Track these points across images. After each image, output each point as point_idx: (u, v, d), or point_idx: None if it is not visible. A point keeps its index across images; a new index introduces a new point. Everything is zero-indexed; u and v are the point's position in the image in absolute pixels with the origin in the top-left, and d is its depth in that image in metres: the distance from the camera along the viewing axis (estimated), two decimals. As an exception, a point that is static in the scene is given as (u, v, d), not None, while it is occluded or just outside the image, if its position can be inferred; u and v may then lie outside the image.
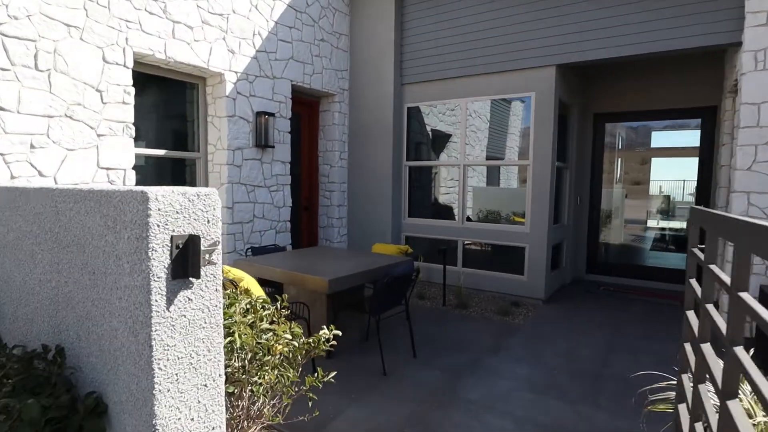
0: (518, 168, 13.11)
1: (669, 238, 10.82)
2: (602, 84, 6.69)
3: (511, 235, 5.72)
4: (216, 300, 1.30)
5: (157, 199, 1.14)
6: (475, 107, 10.62)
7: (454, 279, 6.06)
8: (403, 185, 6.64)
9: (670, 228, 11.26)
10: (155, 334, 1.14)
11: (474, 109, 10.65)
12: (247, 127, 5.23)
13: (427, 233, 6.41)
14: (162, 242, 1.15)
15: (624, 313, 5.21)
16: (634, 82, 6.44)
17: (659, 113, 6.48)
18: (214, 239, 1.26)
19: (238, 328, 1.87)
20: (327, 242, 6.71)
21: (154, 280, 1.14)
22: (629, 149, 8.07)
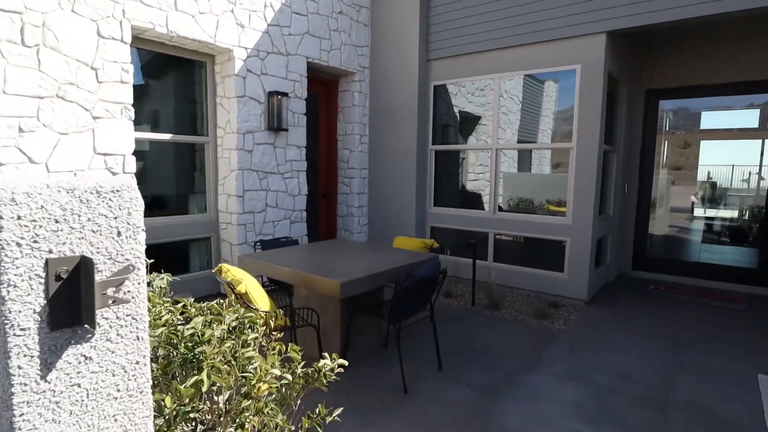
0: (552, 153, 12.35)
1: (723, 230, 9.93)
2: (657, 55, 5.93)
3: (550, 228, 5.14)
4: (138, 352, 0.85)
5: (15, 200, 0.69)
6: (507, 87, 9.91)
7: (484, 275, 5.53)
8: (429, 171, 6.11)
9: (722, 218, 10.34)
10: (22, 420, 0.71)
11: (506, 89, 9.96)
12: (259, 109, 4.80)
13: (454, 224, 5.88)
14: (28, 271, 0.71)
15: (681, 319, 4.58)
16: (695, 51, 5.66)
17: (725, 88, 5.69)
18: (128, 262, 0.81)
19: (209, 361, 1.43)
20: (346, 233, 6.28)
21: (14, 333, 0.70)
22: (678, 131, 7.27)
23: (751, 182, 14.02)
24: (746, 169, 10.01)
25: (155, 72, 4.49)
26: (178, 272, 4.61)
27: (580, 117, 4.85)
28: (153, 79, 4.48)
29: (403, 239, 4.35)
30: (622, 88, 5.76)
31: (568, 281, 5.04)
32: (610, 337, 4.05)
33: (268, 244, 4.01)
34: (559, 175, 5.54)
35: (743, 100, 6.37)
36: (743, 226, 9.83)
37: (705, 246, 8.57)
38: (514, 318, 4.52)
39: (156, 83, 4.52)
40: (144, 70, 4.35)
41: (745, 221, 10.05)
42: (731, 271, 5.91)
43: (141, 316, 0.84)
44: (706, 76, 5.64)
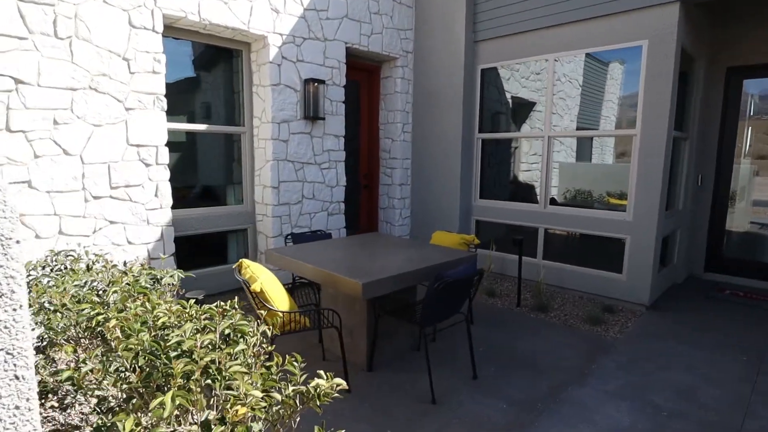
0: (615, 142, 11.48)
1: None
2: (741, 28, 5.18)
3: (608, 224, 4.65)
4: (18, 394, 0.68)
5: None
6: (566, 70, 9.27)
7: (532, 273, 5.14)
8: (475, 161, 5.75)
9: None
10: None
11: (564, 72, 9.31)
12: (294, 97, 4.66)
13: (501, 218, 5.50)
14: None
15: (764, 332, 3.99)
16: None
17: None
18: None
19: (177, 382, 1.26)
20: (387, 225, 6.06)
21: None
22: (765, 115, 6.38)
23: None
24: None
25: (191, 63, 4.46)
26: (216, 264, 4.62)
27: (647, 99, 4.31)
28: (189, 70, 4.45)
29: (442, 234, 4.07)
30: (698, 65, 5.10)
31: (627, 283, 4.55)
32: (674, 349, 3.58)
33: (299, 237, 3.88)
34: (624, 165, 5.00)
35: None
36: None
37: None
38: (563, 322, 4.13)
39: (192, 74, 4.49)
40: (179, 61, 4.33)
41: None
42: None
43: (21, 351, 0.67)
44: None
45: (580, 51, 4.86)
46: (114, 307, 1.72)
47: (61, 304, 1.78)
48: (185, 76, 4.40)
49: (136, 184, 3.68)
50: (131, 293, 1.79)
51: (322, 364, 3.19)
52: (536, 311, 4.38)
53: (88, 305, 1.75)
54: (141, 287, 1.80)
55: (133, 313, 1.55)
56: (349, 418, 2.53)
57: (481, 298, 4.75)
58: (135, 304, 1.61)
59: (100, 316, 1.68)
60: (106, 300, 1.87)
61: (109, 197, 3.54)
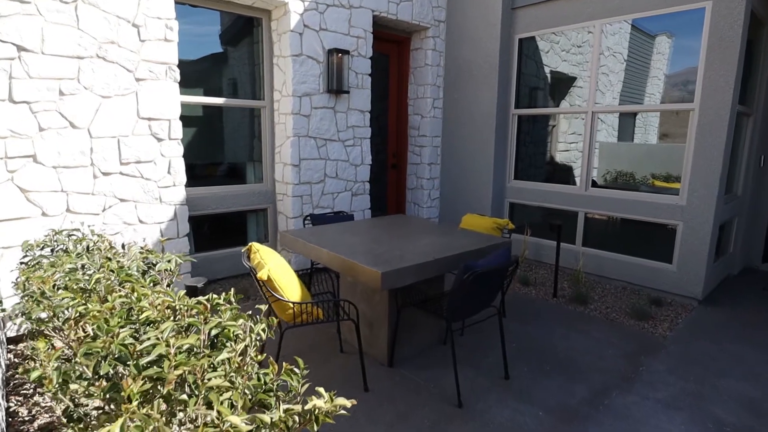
0: (660, 122, 10.77)
1: None
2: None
3: (657, 209, 4.21)
4: None
5: None
6: (609, 43, 8.68)
7: (570, 261, 4.76)
8: (510, 140, 5.34)
9: None
10: None
11: (607, 45, 8.71)
12: (317, 69, 4.36)
13: (537, 200, 5.10)
14: None
15: (835, 331, 3.53)
16: None
17: None
18: None
19: (126, 410, 1.02)
20: (415, 207, 5.76)
21: None
22: None
23: None
24: None
25: (209, 31, 4.21)
26: (234, 245, 4.45)
27: (707, 69, 3.80)
28: (206, 40, 4.21)
29: (474, 218, 3.75)
30: (766, 31, 4.50)
31: (678, 274, 4.12)
32: (732, 350, 3.18)
33: (318, 218, 3.63)
34: (672, 145, 4.51)
35: None
36: None
37: None
38: (604, 316, 3.77)
39: (210, 44, 4.25)
40: (195, 30, 4.09)
41: None
42: None
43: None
44: None
45: (630, 16, 4.36)
46: (95, 297, 1.51)
47: (40, 292, 1.58)
48: (202, 47, 4.16)
49: (148, 160, 3.49)
50: (114, 280, 1.57)
51: (339, 357, 2.96)
52: (574, 303, 4.03)
53: (69, 294, 1.54)
54: (126, 275, 1.57)
55: (109, 306, 1.33)
56: (364, 423, 2.30)
57: (515, 287, 4.42)
58: (113, 296, 1.38)
59: (81, 307, 1.47)
60: (92, 288, 1.66)
61: (119, 173, 3.37)
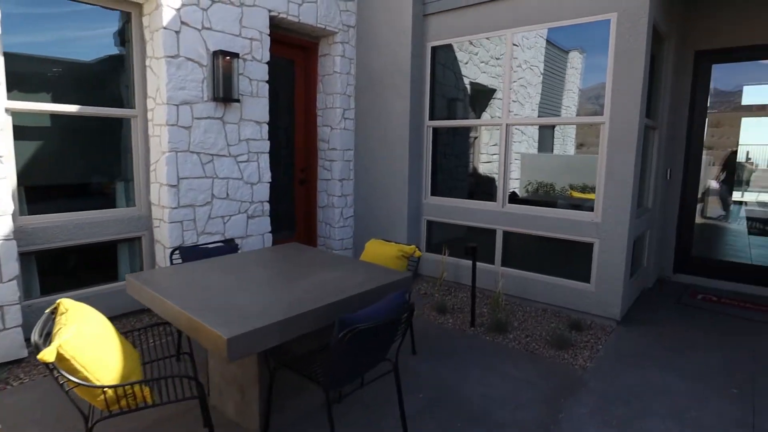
0: (577, 132, 10.95)
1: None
2: (709, 6, 4.66)
3: (574, 226, 4.02)
4: None
5: None
6: (526, 56, 8.67)
7: (489, 282, 4.47)
8: (425, 153, 5.01)
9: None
10: None
11: (524, 59, 8.72)
12: (200, 73, 3.76)
13: (454, 218, 4.79)
14: None
15: (750, 349, 3.46)
16: (767, 0, 4.39)
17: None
18: None
19: None
20: (327, 227, 5.25)
21: None
22: (719, 105, 5.96)
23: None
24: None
25: (66, 26, 3.48)
26: (101, 281, 3.70)
27: (616, 81, 3.67)
28: (63, 35, 3.47)
29: (377, 245, 3.31)
30: (668, 46, 4.53)
31: (596, 294, 3.94)
32: (656, 382, 2.97)
33: (190, 252, 3.00)
34: (588, 156, 4.40)
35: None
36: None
37: (756, 240, 7.30)
38: (524, 347, 3.46)
39: (67, 41, 3.51)
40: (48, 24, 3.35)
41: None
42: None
43: None
44: None
45: (540, 26, 4.18)
46: None
47: None
48: (58, 42, 3.42)
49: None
50: None
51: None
52: (493, 332, 3.70)
53: None
54: None
55: None
56: None
57: (430, 316, 4.04)
58: None
59: None
60: None
61: None
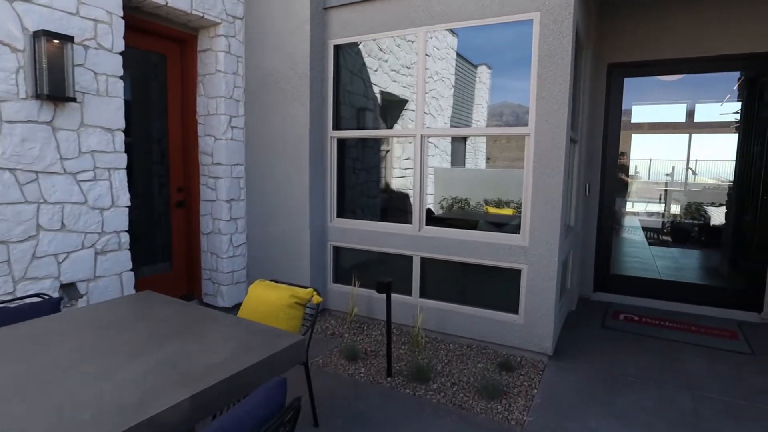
0: (488, 146, 10.88)
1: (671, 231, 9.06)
2: (619, 18, 4.56)
3: (499, 250, 3.54)
4: None
5: None
6: (437, 67, 8.31)
7: (407, 317, 3.86)
8: (329, 168, 4.30)
9: (678, 220, 9.51)
10: None
11: (435, 70, 8.36)
12: (12, 60, 2.73)
13: (365, 243, 4.13)
14: None
15: (682, 372, 3.18)
16: (676, 14, 4.35)
17: (718, 62, 4.41)
18: None
19: None
20: (214, 257, 4.33)
21: None
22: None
23: (679, 176, 13.07)
24: (677, 164, 9.89)
25: None
26: None
27: (540, 89, 3.28)
28: None
29: (264, 288, 2.53)
30: (585, 56, 4.31)
31: (525, 327, 3.48)
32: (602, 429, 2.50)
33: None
34: (511, 170, 3.99)
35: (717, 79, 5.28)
36: (688, 227, 9.04)
37: (654, 251, 7.57)
38: (450, 399, 2.86)
39: None
40: None
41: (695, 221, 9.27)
42: (699, 290, 4.76)
43: None
44: (691, 46, 4.34)
45: (455, 24, 3.70)
46: None
47: None
48: None
49: None
50: None
51: None
52: (414, 381, 3.07)
53: None
54: None
55: None
56: None
57: (339, 365, 3.31)
58: None
59: None
60: None
61: None
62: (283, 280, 2.68)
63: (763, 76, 4.99)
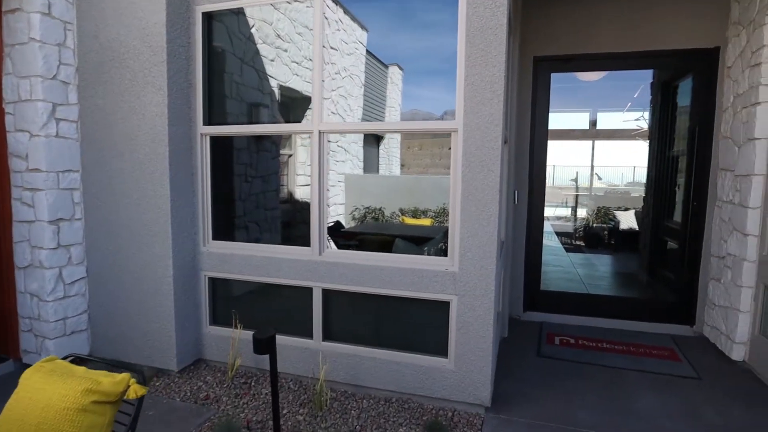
0: (402, 151, 10.19)
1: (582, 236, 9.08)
2: (549, 4, 4.08)
3: (422, 278, 2.77)
4: None
5: None
6: (345, 63, 7.52)
7: (307, 366, 2.96)
8: (201, 175, 3.26)
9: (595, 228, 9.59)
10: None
11: (343, 66, 7.55)
12: None
13: (252, 273, 3.14)
14: None
15: (635, 413, 2.63)
16: (602, 7, 3.94)
17: (642, 58, 4.05)
18: None
19: None
20: (35, 300, 3.09)
21: None
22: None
23: (585, 181, 13.11)
24: (581, 170, 9.74)
25: None
26: None
27: (470, 74, 2.56)
28: None
29: (43, 378, 1.48)
30: (513, 44, 3.72)
31: (457, 373, 2.74)
32: None
33: None
34: (435, 177, 3.27)
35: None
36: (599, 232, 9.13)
37: (573, 257, 7.40)
38: (364, 502, 2.01)
39: None
40: None
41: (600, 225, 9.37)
42: (630, 304, 4.44)
43: None
44: (614, 42, 3.95)
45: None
46: None
47: None
48: None
49: None
50: None
51: None
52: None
53: None
54: None
55: None
56: None
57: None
58: None
59: None
60: None
61: None
62: (94, 357, 1.65)
63: (675, 79, 4.82)
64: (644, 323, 4.17)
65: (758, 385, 3.16)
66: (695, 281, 4.04)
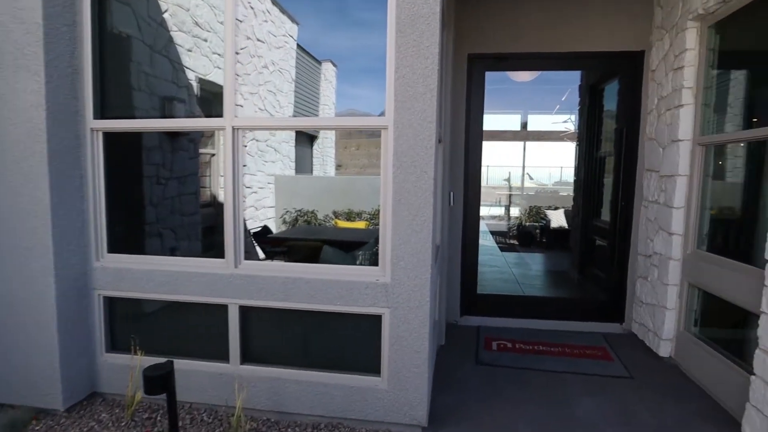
0: (338, 151, 9.82)
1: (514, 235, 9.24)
2: (480, 3, 3.97)
3: (351, 290, 2.50)
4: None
5: None
6: (273, 56, 7.11)
7: (224, 392, 2.60)
8: (92, 177, 2.77)
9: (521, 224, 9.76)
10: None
11: (271, 59, 7.14)
12: None
13: (156, 289, 2.72)
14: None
15: (575, 419, 2.55)
16: (531, 4, 3.89)
17: (572, 60, 4.04)
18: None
19: None
20: None
21: None
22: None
23: (517, 181, 13.56)
24: (512, 170, 10.17)
25: None
26: None
27: (400, 65, 2.33)
28: None
29: None
30: (447, 38, 3.56)
31: (391, 392, 2.51)
32: None
33: None
34: (369, 178, 3.01)
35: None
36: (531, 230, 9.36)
37: (507, 257, 7.48)
38: None
39: None
40: None
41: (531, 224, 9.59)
42: (563, 304, 4.47)
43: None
44: (550, 42, 3.91)
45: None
46: None
47: None
48: None
49: None
50: None
51: None
52: None
53: None
54: None
55: None
56: None
57: None
58: None
59: None
60: None
61: None
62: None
63: (602, 82, 4.93)
64: (578, 323, 4.19)
65: (684, 380, 3.22)
66: (624, 279, 4.11)
